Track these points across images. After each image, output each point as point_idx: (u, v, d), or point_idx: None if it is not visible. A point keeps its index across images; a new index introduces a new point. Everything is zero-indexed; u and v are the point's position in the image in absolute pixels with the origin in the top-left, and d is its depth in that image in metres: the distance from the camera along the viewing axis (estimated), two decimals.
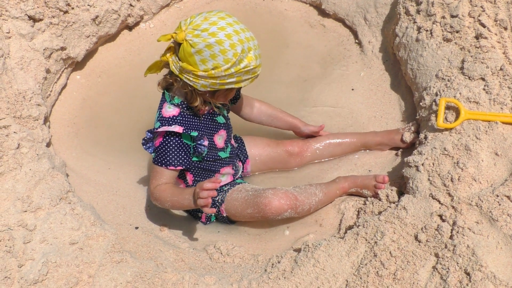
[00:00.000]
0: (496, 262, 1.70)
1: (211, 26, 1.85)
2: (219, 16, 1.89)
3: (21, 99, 2.29)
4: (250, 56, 1.89)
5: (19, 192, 1.98)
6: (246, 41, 1.88)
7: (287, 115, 2.53)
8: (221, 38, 1.84)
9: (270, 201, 2.14)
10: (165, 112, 2.08)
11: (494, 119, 2.00)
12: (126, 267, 1.87)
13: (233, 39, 1.85)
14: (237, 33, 1.87)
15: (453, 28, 2.29)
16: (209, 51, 1.84)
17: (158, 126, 2.05)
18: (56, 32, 2.59)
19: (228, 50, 1.84)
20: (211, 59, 1.86)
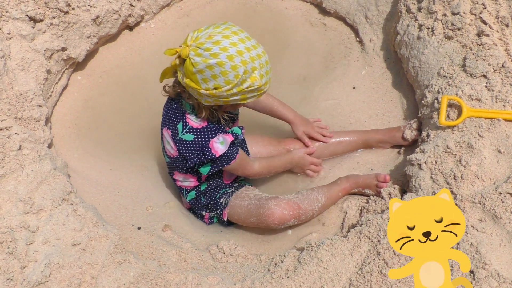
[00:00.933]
0: (500, 260, 1.69)
1: (214, 46, 1.77)
2: (224, 34, 1.80)
3: (22, 100, 2.29)
4: (254, 76, 1.82)
5: (21, 194, 1.98)
6: (250, 61, 1.80)
7: (284, 110, 2.49)
8: (222, 59, 1.76)
9: (273, 212, 2.15)
10: (193, 123, 2.02)
11: (496, 117, 2.00)
12: (129, 267, 1.86)
13: (235, 60, 1.77)
14: (241, 53, 1.79)
15: (455, 26, 2.29)
16: (210, 72, 1.79)
17: (193, 139, 2.01)
18: (57, 33, 2.58)
19: (229, 72, 1.78)
20: (212, 80, 1.80)
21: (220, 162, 2.07)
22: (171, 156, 2.16)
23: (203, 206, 2.31)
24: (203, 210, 2.33)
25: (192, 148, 2.02)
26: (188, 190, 2.28)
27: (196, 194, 2.28)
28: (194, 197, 2.29)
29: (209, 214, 2.33)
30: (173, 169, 2.25)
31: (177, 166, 2.20)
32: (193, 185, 2.26)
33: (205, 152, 1.99)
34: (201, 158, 2.01)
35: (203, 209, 2.32)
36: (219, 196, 2.30)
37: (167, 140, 2.14)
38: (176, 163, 2.18)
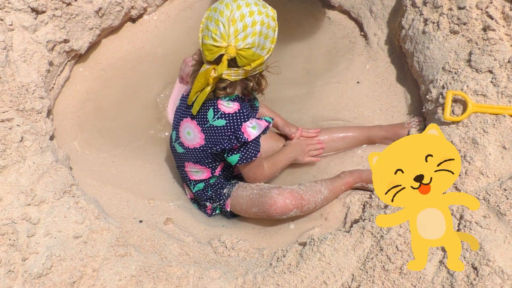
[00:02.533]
0: (504, 257, 1.68)
1: (244, 19, 1.83)
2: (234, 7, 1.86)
3: (24, 92, 2.28)
4: (270, 8, 1.93)
5: (22, 186, 1.97)
6: (263, 7, 1.90)
7: (267, 112, 2.51)
8: (260, 19, 1.86)
9: (276, 201, 2.14)
10: (226, 108, 2.03)
11: (501, 112, 1.98)
12: (131, 260, 1.86)
13: (262, 10, 1.87)
14: (256, 4, 1.88)
15: (460, 20, 2.27)
16: (262, 37, 1.87)
17: (225, 124, 2.02)
18: (59, 25, 2.57)
19: (268, 20, 1.88)
20: (266, 40, 1.90)
21: (250, 150, 2.08)
22: (191, 146, 2.15)
23: (208, 198, 2.30)
24: (207, 201, 2.32)
25: (223, 133, 2.03)
26: (197, 182, 2.27)
27: (204, 186, 2.28)
28: (201, 189, 2.28)
29: (212, 205, 2.32)
30: (187, 160, 2.23)
31: (192, 157, 2.19)
32: (204, 177, 2.25)
33: (238, 135, 2.01)
34: (233, 142, 2.02)
35: (208, 200, 2.32)
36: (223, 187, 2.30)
37: (187, 131, 2.14)
38: (194, 154, 2.17)
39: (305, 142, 2.43)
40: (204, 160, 2.18)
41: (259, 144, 2.10)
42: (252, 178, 2.24)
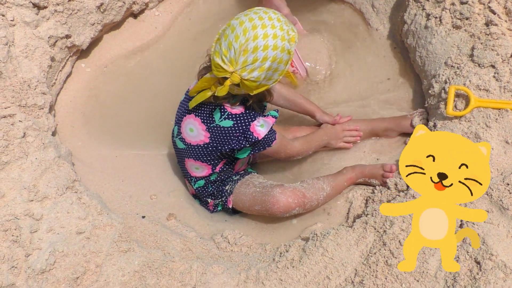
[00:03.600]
0: (507, 251, 1.68)
1: (258, 52, 1.78)
2: (249, 35, 1.79)
3: (26, 87, 2.28)
4: (291, 36, 1.84)
5: (25, 182, 1.97)
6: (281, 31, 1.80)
7: (305, 102, 2.51)
8: (272, 55, 1.80)
9: (278, 200, 2.14)
10: (232, 109, 2.02)
11: (504, 107, 1.98)
12: (134, 256, 1.86)
13: (278, 44, 1.79)
14: (276, 36, 1.79)
15: (463, 15, 2.26)
16: (270, 71, 1.84)
17: (233, 124, 2.01)
18: (61, 20, 2.56)
19: (282, 55, 1.82)
20: (275, 73, 1.87)
21: (261, 144, 2.08)
22: (193, 143, 2.14)
23: (209, 194, 2.30)
24: (209, 197, 2.32)
25: (231, 134, 2.02)
26: (198, 179, 2.27)
27: (205, 183, 2.27)
28: (202, 186, 2.28)
29: (214, 201, 2.32)
30: (187, 157, 2.23)
31: (193, 154, 2.18)
32: (205, 174, 2.24)
33: (247, 136, 2.00)
34: (243, 143, 2.01)
35: (209, 197, 2.31)
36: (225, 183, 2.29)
37: (190, 127, 2.12)
38: (195, 150, 2.16)
39: (340, 128, 2.45)
40: (206, 157, 2.17)
41: (271, 137, 2.09)
42: (284, 156, 2.29)
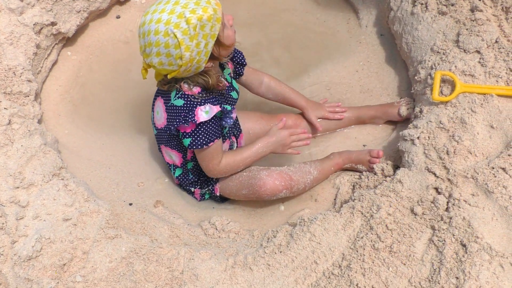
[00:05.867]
0: (492, 233, 1.70)
1: (145, 38, 1.83)
2: (141, 24, 1.85)
3: (11, 75, 2.26)
4: (187, 18, 1.77)
5: (10, 169, 1.96)
6: (172, 14, 1.78)
7: (295, 97, 2.47)
8: (154, 39, 1.80)
9: (265, 182, 2.14)
10: (187, 89, 1.99)
11: (489, 92, 1.99)
12: (121, 242, 1.86)
13: (160, 28, 1.78)
14: (160, 21, 1.78)
15: (448, 1, 2.27)
16: (162, 56, 1.82)
17: (183, 104, 1.98)
18: (46, 7, 2.54)
19: (167, 39, 1.78)
20: (170, 58, 1.83)
21: (202, 136, 2.00)
22: (159, 127, 2.12)
23: (191, 182, 2.29)
24: (192, 186, 2.31)
25: (178, 113, 1.98)
26: (175, 167, 2.26)
27: (183, 171, 2.26)
28: (181, 173, 2.27)
29: (200, 190, 2.31)
30: (160, 143, 2.23)
31: (163, 139, 2.17)
32: (179, 161, 2.23)
33: (188, 116, 1.95)
34: (182, 122, 1.96)
35: (192, 185, 2.30)
36: None
37: (157, 110, 2.12)
38: (163, 135, 2.15)
39: (287, 133, 2.17)
40: (171, 142, 2.16)
41: (214, 133, 2.03)
42: (205, 169, 2.14)
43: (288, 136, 2.16)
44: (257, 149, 2.16)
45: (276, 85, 2.44)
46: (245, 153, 2.15)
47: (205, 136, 2.00)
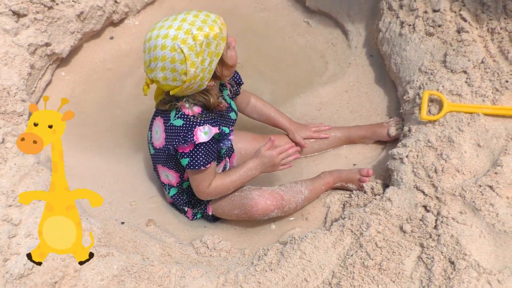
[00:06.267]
0: (480, 251, 1.72)
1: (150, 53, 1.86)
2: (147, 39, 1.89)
3: (5, 94, 2.28)
4: (194, 35, 1.82)
5: (3, 187, 1.97)
6: (179, 30, 1.83)
7: (280, 118, 2.51)
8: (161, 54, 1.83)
9: (257, 202, 2.16)
10: (187, 110, 2.02)
11: (476, 111, 2.03)
12: (113, 260, 1.86)
13: (167, 44, 1.82)
14: (167, 36, 1.83)
15: (435, 23, 2.32)
16: (167, 71, 1.85)
17: (182, 124, 2.00)
18: (41, 28, 2.57)
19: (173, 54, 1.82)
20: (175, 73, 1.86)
21: (199, 157, 2.02)
22: (157, 147, 2.15)
23: (185, 202, 2.31)
24: (185, 206, 2.33)
25: (177, 133, 2.01)
26: (171, 186, 2.28)
27: (178, 191, 2.28)
28: (176, 193, 2.29)
29: (193, 210, 2.33)
30: (157, 162, 2.25)
31: (161, 159, 2.19)
32: (175, 181, 2.25)
33: (187, 136, 1.98)
34: (181, 142, 1.99)
35: (186, 205, 2.32)
36: None
37: (156, 130, 2.14)
38: (161, 155, 2.17)
39: (275, 153, 2.14)
40: (169, 162, 2.18)
41: (212, 155, 2.06)
42: (194, 190, 2.16)
43: (276, 155, 2.15)
44: (245, 172, 2.16)
45: (261, 105, 2.48)
46: (234, 176, 2.16)
47: (203, 157, 2.02)
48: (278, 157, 2.15)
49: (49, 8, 2.60)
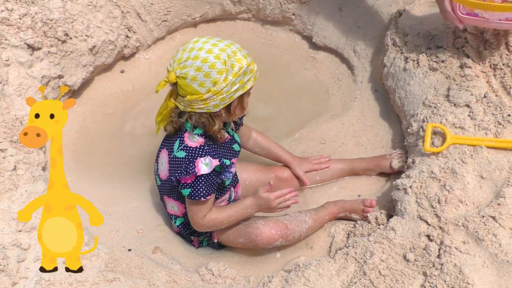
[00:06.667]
0: (483, 280, 1.73)
1: (191, 52, 1.89)
2: (193, 41, 1.94)
3: (18, 124, 2.34)
4: (238, 57, 1.91)
5: (14, 213, 2.00)
6: (227, 47, 1.91)
7: (280, 152, 2.55)
8: (204, 56, 1.87)
9: (261, 231, 2.19)
10: (189, 142, 2.06)
11: (479, 144, 2.06)
12: (119, 286, 1.89)
13: (214, 51, 1.88)
14: (215, 45, 1.90)
15: (439, 58, 2.38)
16: (201, 73, 1.87)
17: (184, 156, 2.04)
18: (54, 61, 2.65)
19: (216, 62, 1.87)
20: (207, 78, 1.88)
21: (201, 188, 2.04)
22: (163, 178, 2.19)
23: (191, 232, 2.33)
24: (192, 235, 2.35)
25: (180, 165, 2.04)
26: (177, 216, 2.31)
27: (184, 221, 2.31)
28: (182, 223, 2.31)
29: (198, 238, 2.35)
30: (163, 193, 2.28)
31: (166, 190, 2.23)
32: (180, 212, 2.28)
33: (189, 168, 2.01)
34: (183, 173, 2.01)
35: (192, 234, 2.34)
36: None
37: (161, 162, 2.18)
38: (166, 186, 2.20)
39: (272, 197, 2.12)
40: (174, 193, 2.21)
41: (212, 187, 2.07)
42: (190, 219, 2.18)
43: (274, 199, 2.12)
44: (241, 209, 2.17)
45: (262, 140, 2.52)
46: (229, 211, 2.18)
47: (204, 188, 2.04)
48: (275, 201, 2.13)
49: (62, 42, 2.69)
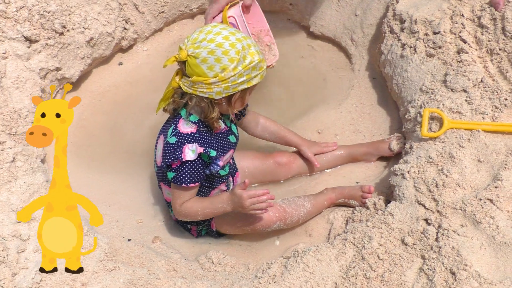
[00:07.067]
0: (481, 262, 1.74)
1: (208, 35, 1.90)
2: (212, 25, 1.95)
3: (16, 117, 2.35)
4: (252, 51, 1.92)
5: (13, 204, 2.02)
6: (244, 39, 1.93)
7: (290, 135, 2.56)
8: (220, 41, 1.88)
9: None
10: (182, 128, 2.07)
11: (476, 128, 2.06)
12: (119, 274, 1.89)
13: (231, 39, 1.89)
14: (233, 34, 1.92)
15: (436, 44, 2.37)
16: (212, 56, 1.88)
17: (175, 141, 2.04)
18: (52, 53, 2.65)
19: (230, 49, 1.88)
20: (217, 63, 1.88)
21: (184, 173, 2.04)
22: (158, 164, 2.20)
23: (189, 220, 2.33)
24: (189, 223, 2.36)
25: (169, 150, 2.04)
26: None
27: None
28: None
29: (197, 227, 2.36)
30: (160, 180, 2.29)
31: (162, 176, 2.24)
32: None
33: (176, 153, 2.01)
34: (172, 158, 2.02)
35: (189, 222, 2.35)
36: None
37: (158, 147, 2.19)
38: (161, 172, 2.21)
39: (245, 195, 2.04)
40: (168, 180, 2.19)
41: (197, 176, 2.07)
42: (173, 203, 2.17)
43: (246, 199, 2.03)
44: (217, 203, 2.13)
45: (271, 125, 2.52)
46: (206, 203, 2.15)
47: (187, 175, 2.05)
48: (247, 200, 2.04)
49: (60, 34, 2.69)
